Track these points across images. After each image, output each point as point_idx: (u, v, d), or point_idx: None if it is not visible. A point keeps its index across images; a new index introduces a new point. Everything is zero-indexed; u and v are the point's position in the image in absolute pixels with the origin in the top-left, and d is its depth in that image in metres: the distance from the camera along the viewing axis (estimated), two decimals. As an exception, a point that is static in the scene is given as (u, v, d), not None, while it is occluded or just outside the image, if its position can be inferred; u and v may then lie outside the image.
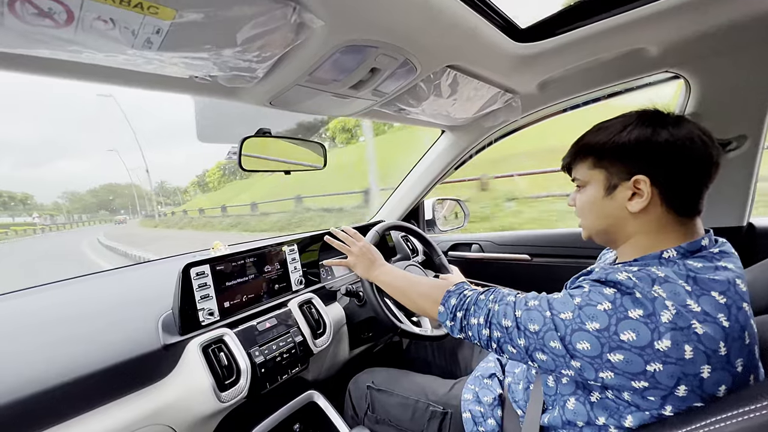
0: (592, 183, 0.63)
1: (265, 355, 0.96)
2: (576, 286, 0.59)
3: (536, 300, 0.60)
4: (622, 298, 0.51)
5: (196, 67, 0.59)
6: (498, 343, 0.63)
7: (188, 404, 0.83)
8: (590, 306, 0.52)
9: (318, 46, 0.62)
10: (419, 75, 0.82)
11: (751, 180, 0.97)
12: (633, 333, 0.48)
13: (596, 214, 0.64)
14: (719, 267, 0.53)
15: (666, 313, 0.47)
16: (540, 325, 0.56)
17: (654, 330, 0.47)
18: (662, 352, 0.46)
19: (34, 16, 0.41)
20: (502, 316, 0.62)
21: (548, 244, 1.46)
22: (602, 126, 0.63)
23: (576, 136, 0.68)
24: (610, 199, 0.61)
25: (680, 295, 0.49)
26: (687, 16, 0.77)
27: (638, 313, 0.48)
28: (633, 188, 0.58)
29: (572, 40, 0.85)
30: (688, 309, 0.48)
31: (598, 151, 0.61)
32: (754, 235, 1.02)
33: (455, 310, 0.70)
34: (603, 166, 0.61)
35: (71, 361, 0.74)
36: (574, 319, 0.53)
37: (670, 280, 0.51)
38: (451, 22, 0.68)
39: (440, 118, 1.20)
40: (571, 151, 0.67)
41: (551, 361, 0.55)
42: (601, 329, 0.50)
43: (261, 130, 0.95)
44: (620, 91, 1.14)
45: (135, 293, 1.05)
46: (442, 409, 0.93)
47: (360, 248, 1.03)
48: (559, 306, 0.56)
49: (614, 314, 0.50)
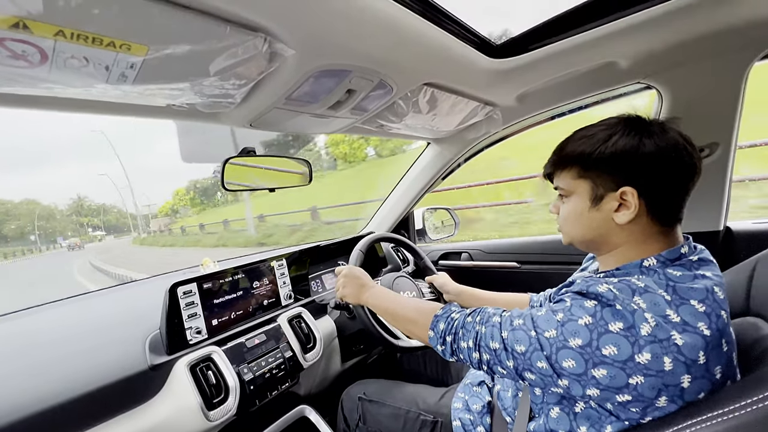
0: (577, 193, 0.62)
1: (254, 372, 0.97)
2: (558, 300, 0.59)
3: (521, 318, 0.60)
4: (602, 310, 0.51)
5: (174, 96, 0.60)
6: (488, 365, 0.63)
7: (176, 424, 0.83)
8: (572, 321, 0.53)
9: (291, 72, 0.64)
10: (396, 93, 0.84)
11: (725, 184, 1.00)
12: (614, 347, 0.48)
13: (582, 225, 0.63)
14: (698, 275, 0.54)
15: (645, 325, 0.48)
16: (526, 346, 0.56)
17: (634, 343, 0.48)
18: (643, 365, 0.47)
19: (8, 58, 0.42)
20: (490, 339, 0.62)
21: (536, 251, 1.47)
22: (585, 134, 0.61)
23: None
24: (596, 210, 0.60)
25: (660, 305, 0.49)
26: (654, 30, 0.80)
27: (618, 327, 0.49)
28: (619, 199, 0.57)
29: (546, 55, 0.87)
30: (667, 320, 0.48)
31: (583, 161, 0.60)
32: (732, 239, 1.04)
33: (444, 335, 0.70)
34: (589, 176, 0.60)
35: (56, 385, 0.74)
36: (557, 336, 0.53)
37: (650, 290, 0.51)
38: (422, 43, 0.70)
39: (423, 131, 1.22)
40: (554, 159, 0.66)
41: (540, 380, 0.56)
42: (583, 345, 0.50)
43: (245, 149, 0.96)
44: (597, 101, 1.17)
45: (121, 314, 1.05)
46: (432, 419, 0.93)
47: (343, 277, 1.02)
48: (543, 324, 0.56)
49: (595, 329, 0.50)
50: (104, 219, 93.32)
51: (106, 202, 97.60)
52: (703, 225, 1.04)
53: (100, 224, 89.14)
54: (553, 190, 0.70)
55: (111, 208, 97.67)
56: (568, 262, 1.38)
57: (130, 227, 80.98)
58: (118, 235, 73.03)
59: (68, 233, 76.52)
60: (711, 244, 1.04)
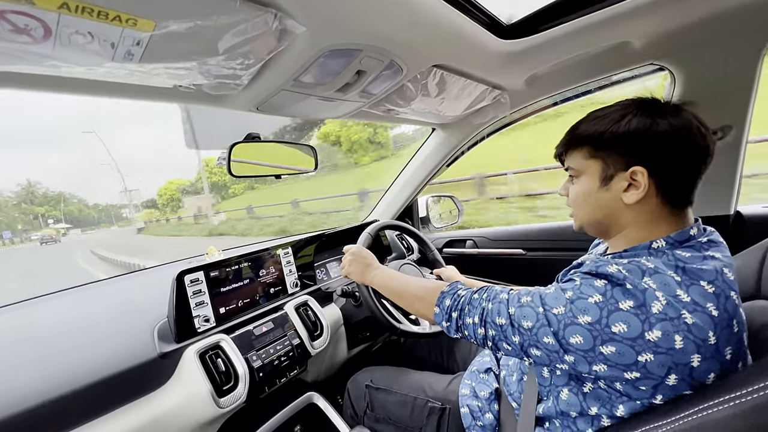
0: (588, 173, 0.62)
1: (262, 360, 0.97)
2: (567, 279, 0.59)
3: (529, 296, 0.60)
4: (613, 289, 0.51)
5: (180, 77, 0.58)
6: (493, 341, 0.63)
7: (187, 412, 0.83)
8: (581, 299, 0.52)
9: (301, 51, 0.62)
10: (405, 75, 0.82)
11: (737, 169, 0.99)
12: (624, 325, 0.48)
13: (591, 206, 0.63)
14: (707, 256, 0.54)
15: (656, 303, 0.48)
16: (533, 322, 0.56)
17: (645, 321, 0.47)
18: (653, 343, 0.47)
19: (11, 32, 0.41)
20: (496, 314, 0.62)
21: (542, 237, 1.47)
22: (599, 115, 0.61)
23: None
24: (605, 190, 0.60)
25: (670, 285, 0.49)
26: (670, 9, 0.78)
27: (629, 305, 0.49)
28: (629, 179, 0.57)
29: (557, 35, 0.85)
30: (677, 299, 0.48)
31: (596, 140, 0.60)
32: (742, 223, 1.03)
33: (450, 311, 0.70)
34: (600, 156, 0.60)
35: (67, 374, 0.74)
36: (566, 313, 0.53)
37: (660, 270, 0.51)
38: (435, 22, 0.68)
39: (429, 116, 1.20)
40: (566, 139, 0.66)
41: (545, 356, 0.56)
42: (593, 322, 0.50)
43: (249, 135, 0.95)
44: (607, 84, 1.15)
45: (129, 302, 1.05)
46: (440, 405, 0.93)
47: (351, 255, 1.03)
48: (551, 301, 0.56)
49: (605, 306, 0.50)
50: (65, 209, 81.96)
51: (66, 191, 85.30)
52: (714, 209, 1.03)
53: (60, 215, 77.78)
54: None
55: (71, 197, 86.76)
56: (575, 249, 1.37)
57: (98, 220, 71.95)
58: (85, 228, 64.56)
59: (18, 226, 66.20)
60: (721, 228, 1.03)
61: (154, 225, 35.21)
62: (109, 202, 54.26)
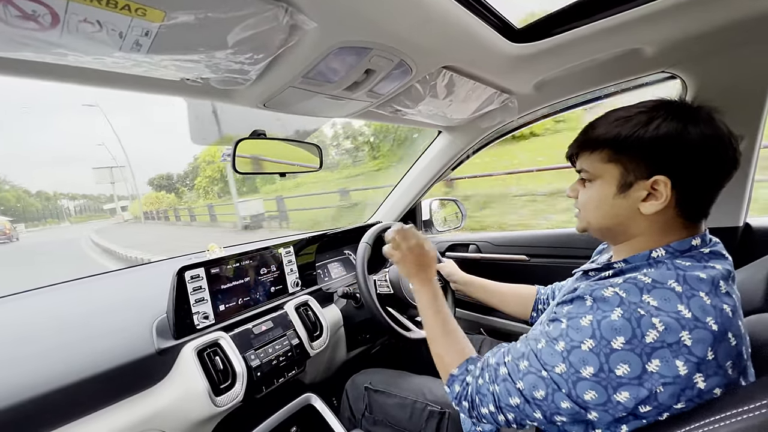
0: (604, 178, 0.59)
1: (261, 359, 0.96)
2: (553, 319, 0.57)
3: (525, 360, 0.57)
4: (600, 327, 0.49)
5: (188, 70, 0.58)
6: (516, 422, 0.59)
7: (183, 409, 0.82)
8: (575, 349, 0.51)
9: (311, 47, 0.61)
10: (414, 76, 0.81)
11: (748, 180, 0.97)
12: (626, 365, 0.47)
13: (603, 212, 0.60)
14: (707, 266, 0.52)
15: (651, 332, 0.46)
16: (544, 390, 0.53)
17: (641, 354, 0.46)
18: (657, 374, 0.46)
19: (18, 18, 0.40)
20: (507, 396, 0.58)
21: (546, 244, 1.45)
22: (621, 116, 0.57)
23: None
24: (622, 197, 0.57)
25: (670, 300, 0.48)
26: (684, 16, 0.76)
27: (621, 342, 0.47)
28: (649, 189, 0.54)
29: (568, 40, 0.84)
30: (679, 317, 0.46)
31: (618, 144, 0.56)
32: (751, 235, 1.01)
33: (460, 399, 0.66)
34: (620, 161, 0.56)
35: (62, 368, 0.73)
36: (568, 370, 0.51)
37: (658, 285, 0.49)
38: (446, 23, 0.67)
39: (436, 118, 1.19)
40: (581, 140, 0.62)
41: (571, 418, 0.53)
42: (596, 372, 0.48)
43: (255, 132, 0.94)
44: (616, 91, 1.14)
45: (128, 297, 1.04)
46: (440, 409, 0.93)
47: (416, 241, 0.88)
48: (549, 358, 0.53)
49: (600, 351, 0.48)
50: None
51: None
52: (723, 220, 1.02)
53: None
54: None
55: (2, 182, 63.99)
56: (578, 256, 1.36)
57: (43, 213, 55.94)
58: (32, 224, 53.55)
59: None
60: (730, 240, 1.03)
61: (150, 223, 25.05)
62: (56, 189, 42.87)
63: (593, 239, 0.70)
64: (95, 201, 65.02)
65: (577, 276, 0.77)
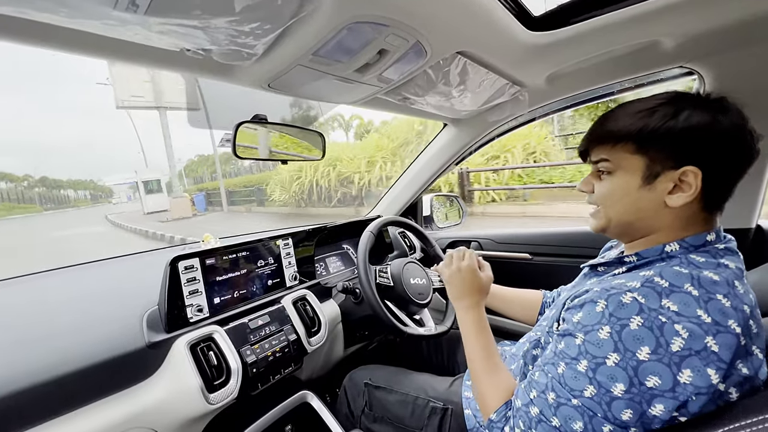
0: (627, 169, 0.57)
1: (257, 354, 0.91)
2: (566, 334, 0.54)
3: (551, 392, 0.53)
4: (622, 337, 0.47)
5: (188, 38, 0.53)
6: None
7: (174, 406, 0.78)
8: (601, 366, 0.48)
9: (324, 21, 0.56)
10: (429, 60, 0.77)
11: (762, 182, 0.95)
12: (656, 377, 0.45)
13: (626, 205, 0.58)
14: (721, 264, 0.52)
15: (677, 340, 0.45)
16: (581, 419, 0.50)
17: (669, 364, 0.44)
18: (690, 385, 0.44)
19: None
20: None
21: (549, 242, 1.43)
22: (642, 108, 0.55)
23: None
24: (647, 189, 0.55)
25: (690, 305, 0.46)
26: (706, 8, 0.74)
27: (646, 352, 0.45)
28: (677, 180, 0.53)
29: (587, 30, 0.81)
30: (700, 322, 0.45)
31: (645, 136, 0.54)
32: (763, 237, 1.00)
33: None
34: (646, 152, 0.55)
35: (48, 360, 0.68)
36: (599, 391, 0.48)
37: (676, 288, 0.48)
38: (467, 3, 0.64)
39: (444, 110, 1.15)
40: (601, 133, 0.60)
41: None
42: (628, 389, 0.46)
43: (257, 116, 0.89)
44: (630, 87, 1.11)
45: (118, 287, 0.99)
46: (442, 406, 0.90)
47: (456, 269, 0.87)
48: (574, 383, 0.50)
49: (627, 364, 0.46)
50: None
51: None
52: (734, 222, 1.00)
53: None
54: None
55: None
56: (582, 256, 1.34)
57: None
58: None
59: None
60: (742, 241, 1.00)
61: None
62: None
63: (597, 238, 0.67)
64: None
65: (585, 272, 0.75)
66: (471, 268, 0.86)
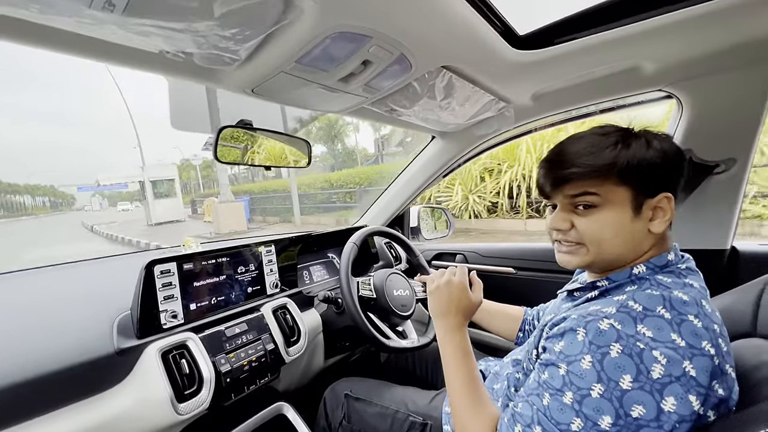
0: (616, 202, 0.56)
1: (231, 364, 0.89)
2: (548, 363, 0.53)
3: (537, 426, 0.51)
4: (603, 366, 0.47)
5: (168, 41, 0.52)
6: None
7: (141, 416, 0.75)
8: (586, 398, 0.47)
9: (307, 29, 0.57)
10: (413, 73, 0.78)
11: (737, 203, 0.97)
12: (640, 406, 0.45)
13: (623, 238, 0.57)
14: (686, 284, 0.54)
15: (656, 367, 0.45)
16: None
17: (651, 391, 0.45)
18: (675, 413, 0.44)
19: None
20: None
21: (534, 257, 1.44)
22: (608, 143, 0.56)
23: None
24: (637, 220, 0.56)
25: (663, 329, 0.47)
26: (686, 34, 0.76)
27: (628, 381, 0.45)
28: (653, 207, 0.56)
29: (570, 50, 0.83)
30: (675, 346, 0.46)
31: (627, 167, 0.54)
32: (737, 259, 1.02)
33: None
34: (630, 183, 0.55)
35: (7, 365, 0.65)
36: (585, 424, 0.47)
37: (649, 312, 0.49)
38: (452, 19, 0.65)
39: (431, 122, 1.16)
40: (581, 167, 0.57)
41: None
42: (615, 421, 0.45)
43: (242, 121, 0.89)
44: (612, 107, 1.14)
45: (90, 290, 0.96)
46: (422, 421, 0.89)
47: (446, 281, 0.83)
48: (560, 416, 0.49)
49: (611, 395, 0.46)
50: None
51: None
52: (710, 243, 1.01)
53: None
54: None
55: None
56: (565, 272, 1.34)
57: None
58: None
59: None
60: (716, 262, 1.03)
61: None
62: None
63: None
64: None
65: (562, 297, 0.76)
66: (462, 285, 0.81)
